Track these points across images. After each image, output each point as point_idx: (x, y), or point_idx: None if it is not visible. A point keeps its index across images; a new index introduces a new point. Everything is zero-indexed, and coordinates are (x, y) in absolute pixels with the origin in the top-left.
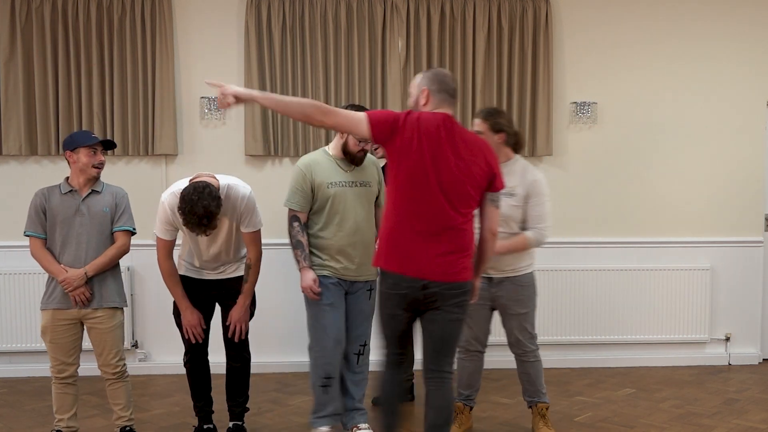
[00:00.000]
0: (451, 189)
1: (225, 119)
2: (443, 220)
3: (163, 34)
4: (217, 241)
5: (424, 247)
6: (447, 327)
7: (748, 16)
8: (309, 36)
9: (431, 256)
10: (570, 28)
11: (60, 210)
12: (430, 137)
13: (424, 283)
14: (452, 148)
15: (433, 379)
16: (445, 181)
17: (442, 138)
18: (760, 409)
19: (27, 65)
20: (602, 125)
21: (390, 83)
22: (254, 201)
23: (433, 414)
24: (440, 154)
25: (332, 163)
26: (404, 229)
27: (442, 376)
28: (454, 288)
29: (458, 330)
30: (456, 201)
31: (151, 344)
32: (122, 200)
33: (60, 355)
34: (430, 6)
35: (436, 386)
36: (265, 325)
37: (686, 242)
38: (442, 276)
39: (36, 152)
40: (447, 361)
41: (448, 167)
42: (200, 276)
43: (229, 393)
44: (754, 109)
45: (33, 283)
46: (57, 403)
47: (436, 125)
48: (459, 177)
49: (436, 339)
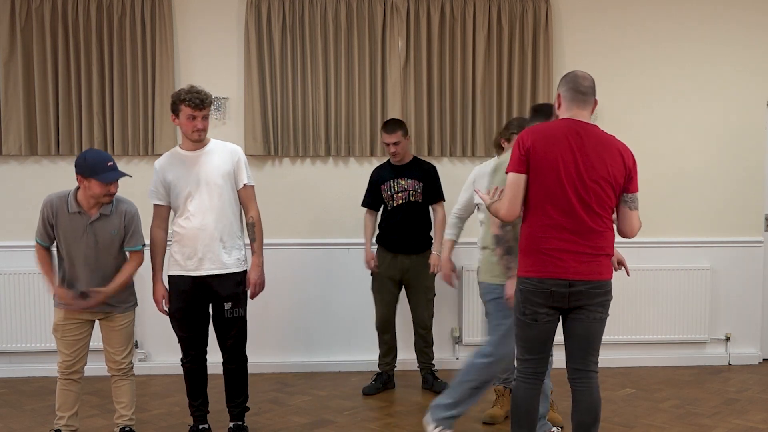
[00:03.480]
0: (584, 192)
1: (225, 119)
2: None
3: (163, 34)
4: (212, 198)
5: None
6: (591, 326)
7: (748, 17)
8: (309, 36)
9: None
10: (570, 28)
11: (67, 230)
12: (557, 147)
13: (570, 282)
14: (581, 151)
15: (579, 379)
16: (579, 186)
17: (571, 145)
18: (760, 409)
19: (27, 65)
20: (602, 125)
21: (390, 83)
22: (245, 157)
23: (582, 413)
24: (568, 160)
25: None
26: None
27: (588, 376)
28: (598, 287)
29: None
30: (592, 204)
31: (151, 344)
32: (131, 221)
33: (69, 351)
34: (430, 6)
35: (583, 386)
36: (265, 325)
37: (686, 242)
38: (588, 275)
39: (36, 152)
40: (592, 360)
41: (578, 171)
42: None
43: (228, 394)
44: (754, 109)
45: (33, 283)
46: (59, 400)
47: (562, 133)
48: (592, 179)
49: (581, 338)
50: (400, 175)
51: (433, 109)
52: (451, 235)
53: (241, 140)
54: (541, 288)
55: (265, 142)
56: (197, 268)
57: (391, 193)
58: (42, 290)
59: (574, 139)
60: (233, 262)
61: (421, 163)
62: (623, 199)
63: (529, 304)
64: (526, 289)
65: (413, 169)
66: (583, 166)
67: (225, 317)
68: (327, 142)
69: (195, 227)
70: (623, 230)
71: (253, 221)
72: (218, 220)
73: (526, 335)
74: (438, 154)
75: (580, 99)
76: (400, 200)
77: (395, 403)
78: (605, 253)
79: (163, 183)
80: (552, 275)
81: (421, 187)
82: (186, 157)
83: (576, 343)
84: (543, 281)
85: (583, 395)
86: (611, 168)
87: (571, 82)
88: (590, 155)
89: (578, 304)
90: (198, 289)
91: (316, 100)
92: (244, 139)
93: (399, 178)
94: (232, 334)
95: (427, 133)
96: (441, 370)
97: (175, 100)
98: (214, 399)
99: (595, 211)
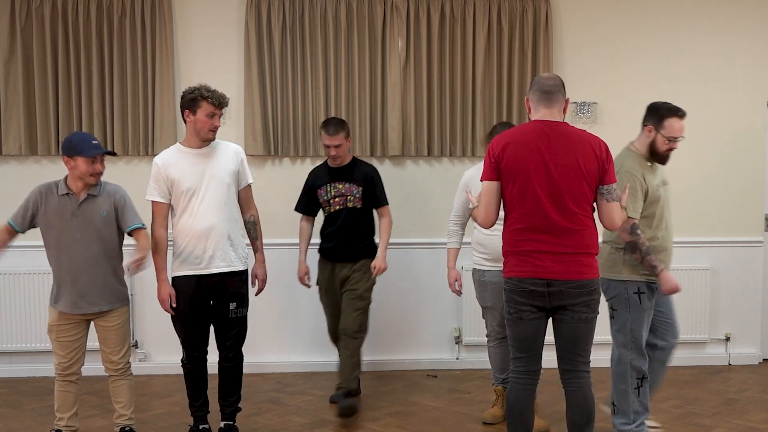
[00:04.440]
0: (557, 192)
1: (225, 119)
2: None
3: (163, 34)
4: (219, 193)
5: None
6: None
7: (748, 17)
8: (309, 36)
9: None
10: (570, 28)
11: (56, 213)
12: (524, 150)
13: (548, 281)
14: (550, 151)
15: (570, 380)
16: (551, 186)
17: (539, 146)
18: (760, 409)
19: (27, 65)
20: (602, 125)
21: (390, 83)
22: (243, 153)
23: (574, 413)
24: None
25: (643, 161)
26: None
27: (579, 375)
28: (580, 287)
29: (590, 329)
30: (567, 202)
31: (150, 344)
32: (121, 200)
33: (65, 353)
34: (430, 6)
35: (573, 386)
36: (265, 325)
37: (686, 242)
38: (567, 275)
39: (36, 152)
40: (581, 360)
41: (548, 171)
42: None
43: (221, 393)
44: (754, 109)
45: (33, 283)
46: (58, 402)
47: (530, 135)
48: (563, 176)
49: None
50: (337, 178)
51: (433, 109)
52: (453, 243)
53: (241, 140)
54: (521, 287)
55: (265, 142)
56: (207, 266)
57: (328, 198)
58: (42, 290)
59: (541, 139)
60: (240, 259)
61: (360, 165)
62: (599, 191)
63: (513, 303)
64: (509, 289)
65: (351, 171)
66: (553, 165)
67: (229, 317)
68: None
69: (205, 225)
70: (603, 223)
71: (254, 219)
72: (227, 219)
73: (514, 333)
74: (438, 154)
75: (546, 98)
76: (338, 206)
77: (395, 403)
78: (586, 251)
79: (165, 180)
80: (530, 275)
81: (360, 191)
82: (191, 154)
83: (563, 343)
84: (522, 281)
85: (575, 395)
86: (583, 163)
87: (536, 83)
88: (559, 153)
89: (561, 304)
90: (203, 290)
91: (316, 100)
92: (244, 139)
93: (335, 181)
94: (233, 333)
95: (427, 133)
96: (441, 370)
97: (196, 96)
98: (214, 399)
99: (571, 210)
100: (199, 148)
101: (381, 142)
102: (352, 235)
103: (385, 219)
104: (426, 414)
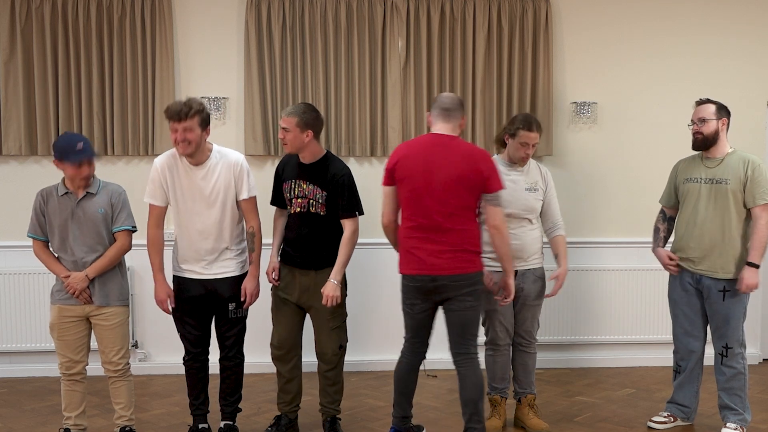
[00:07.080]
0: (440, 195)
1: (225, 119)
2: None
3: (163, 34)
4: (211, 213)
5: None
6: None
7: (748, 17)
8: (309, 36)
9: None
10: (570, 28)
11: (56, 213)
12: (415, 159)
13: (432, 277)
14: (436, 161)
15: (462, 361)
16: (435, 190)
17: (428, 156)
18: (760, 409)
19: (27, 65)
20: (602, 125)
21: (390, 83)
22: (248, 167)
23: (468, 390)
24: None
25: (695, 159)
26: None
27: (469, 357)
28: (460, 280)
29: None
30: (449, 205)
31: (151, 344)
32: (118, 199)
33: (67, 352)
34: (430, 6)
35: (466, 367)
36: (265, 325)
37: None
38: (448, 270)
39: (36, 152)
40: (471, 343)
41: (431, 179)
42: (194, 273)
43: (222, 392)
44: (754, 109)
45: (33, 283)
46: (65, 401)
47: (421, 146)
48: (445, 183)
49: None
50: (304, 176)
51: None
52: None
53: (241, 140)
54: (412, 283)
55: (265, 142)
56: (204, 272)
57: (291, 196)
58: (42, 290)
59: (430, 150)
60: (238, 266)
61: (331, 165)
62: (485, 198)
63: (406, 297)
64: (403, 284)
65: (321, 172)
66: (436, 173)
67: (228, 317)
68: (327, 142)
69: (199, 236)
70: (487, 224)
71: (253, 231)
72: (222, 231)
73: (407, 322)
74: None
75: (444, 114)
76: (298, 208)
77: None
78: (465, 249)
79: (162, 184)
80: (417, 272)
81: (323, 197)
82: (187, 168)
83: (454, 330)
84: (413, 278)
85: (468, 374)
86: (464, 172)
87: (437, 101)
88: (445, 163)
89: (447, 296)
90: (205, 291)
91: (316, 101)
92: (244, 139)
93: (302, 179)
94: (233, 332)
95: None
96: (441, 370)
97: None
98: (214, 399)
99: (452, 212)
100: (194, 165)
101: (381, 142)
102: (313, 244)
103: (347, 232)
104: (426, 414)
